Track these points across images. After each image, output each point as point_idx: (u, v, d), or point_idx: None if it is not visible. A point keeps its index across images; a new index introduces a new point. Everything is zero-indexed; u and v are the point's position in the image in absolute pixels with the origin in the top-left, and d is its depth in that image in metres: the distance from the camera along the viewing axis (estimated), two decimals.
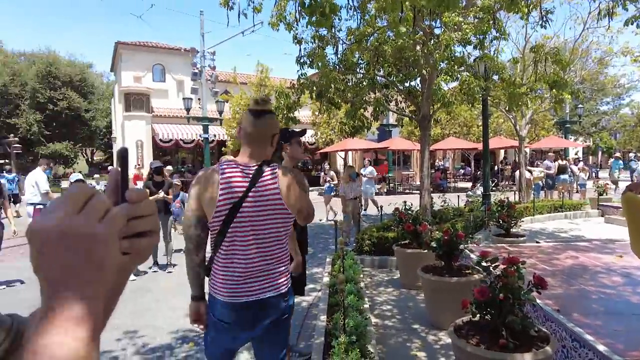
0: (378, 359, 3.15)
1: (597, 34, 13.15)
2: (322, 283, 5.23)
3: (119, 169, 0.59)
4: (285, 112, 7.67)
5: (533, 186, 13.43)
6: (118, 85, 22.61)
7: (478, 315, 2.67)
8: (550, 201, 11.58)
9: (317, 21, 4.06)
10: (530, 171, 13.95)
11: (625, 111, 39.35)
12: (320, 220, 10.39)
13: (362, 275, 5.40)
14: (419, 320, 4.26)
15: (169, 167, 14.64)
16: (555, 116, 21.18)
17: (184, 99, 18.91)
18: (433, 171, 22.25)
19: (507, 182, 20.63)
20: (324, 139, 20.34)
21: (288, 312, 2.01)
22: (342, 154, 21.23)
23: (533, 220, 9.77)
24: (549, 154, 14.93)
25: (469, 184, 21.35)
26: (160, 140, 20.44)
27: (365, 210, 8.61)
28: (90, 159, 31.98)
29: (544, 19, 6.42)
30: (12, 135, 21.10)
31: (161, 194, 6.32)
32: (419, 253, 5.16)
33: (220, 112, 18.32)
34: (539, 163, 15.03)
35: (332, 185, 11.56)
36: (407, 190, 20.14)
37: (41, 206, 6.46)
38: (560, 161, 13.94)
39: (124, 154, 0.60)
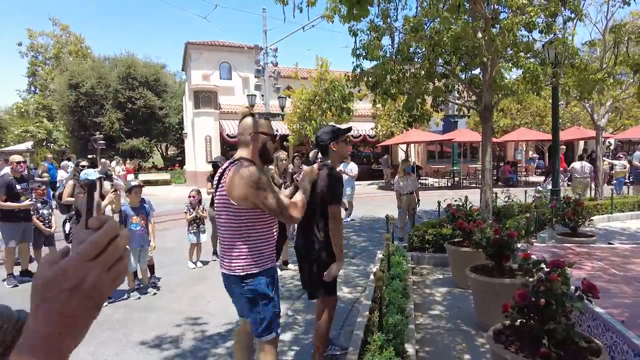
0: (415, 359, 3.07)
1: None
2: (371, 279, 5.18)
3: (86, 200, 0.62)
4: (339, 103, 7.64)
5: (614, 181, 12.22)
6: (188, 83, 23.88)
7: (519, 320, 2.50)
8: (635, 197, 10.46)
9: (355, 15, 3.95)
10: (611, 165, 12.71)
11: None
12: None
13: (411, 273, 5.27)
14: (468, 321, 4.08)
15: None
16: None
17: (247, 95, 19.58)
18: (502, 164, 21.04)
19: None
20: (384, 132, 19.99)
21: (250, 295, 2.25)
22: (404, 146, 20.75)
23: (610, 219, 8.90)
24: None
25: (541, 178, 19.89)
26: (228, 135, 21.32)
27: (418, 206, 8.34)
28: (164, 154, 34.22)
29: None
30: (97, 132, 23.18)
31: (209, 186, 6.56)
32: (471, 251, 4.92)
33: (282, 108, 18.71)
34: (621, 155, 13.58)
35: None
36: (474, 185, 19.19)
37: None
38: None
39: (90, 186, 0.62)
